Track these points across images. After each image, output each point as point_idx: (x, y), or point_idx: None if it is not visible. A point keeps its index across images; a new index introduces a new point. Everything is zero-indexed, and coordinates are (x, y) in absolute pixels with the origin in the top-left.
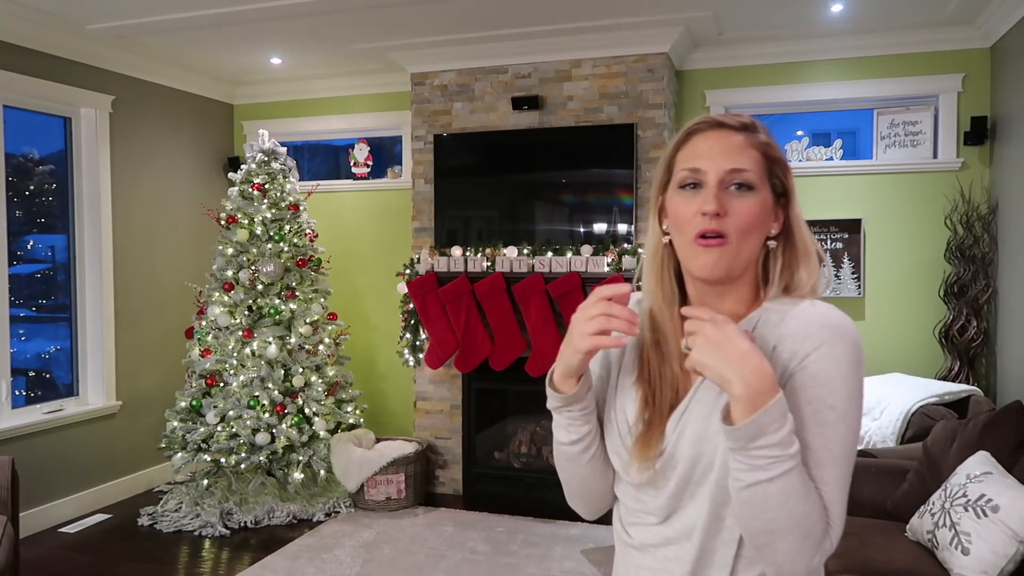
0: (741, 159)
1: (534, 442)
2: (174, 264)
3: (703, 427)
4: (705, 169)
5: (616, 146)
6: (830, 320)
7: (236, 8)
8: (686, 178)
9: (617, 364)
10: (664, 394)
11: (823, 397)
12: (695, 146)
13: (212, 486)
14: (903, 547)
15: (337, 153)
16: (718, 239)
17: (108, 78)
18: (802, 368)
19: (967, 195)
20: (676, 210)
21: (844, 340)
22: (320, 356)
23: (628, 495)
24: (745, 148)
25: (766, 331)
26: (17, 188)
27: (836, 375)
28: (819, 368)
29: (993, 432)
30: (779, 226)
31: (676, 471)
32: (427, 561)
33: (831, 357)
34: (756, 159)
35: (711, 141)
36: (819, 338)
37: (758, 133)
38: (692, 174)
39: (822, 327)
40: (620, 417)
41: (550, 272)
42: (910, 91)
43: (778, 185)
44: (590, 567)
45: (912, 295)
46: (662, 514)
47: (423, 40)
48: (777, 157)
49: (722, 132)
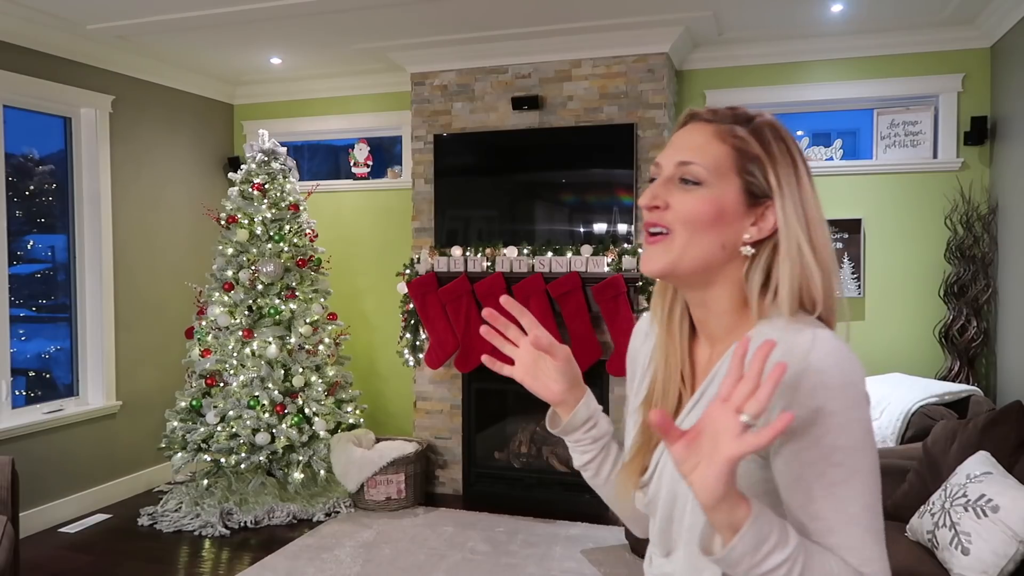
0: (694, 152)
1: (534, 442)
2: (174, 264)
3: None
4: (662, 163)
5: (616, 146)
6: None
7: (236, 8)
8: (652, 173)
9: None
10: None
11: (826, 456)
12: (671, 140)
13: (212, 486)
14: (903, 547)
15: (337, 153)
16: (659, 235)
17: (108, 78)
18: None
19: (967, 195)
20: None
21: (843, 391)
22: (320, 356)
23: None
24: (709, 141)
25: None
26: (17, 188)
27: (836, 428)
28: (802, 427)
29: (993, 432)
30: (759, 231)
31: (658, 506)
32: (427, 561)
33: (829, 415)
34: (717, 153)
35: (682, 134)
36: (815, 395)
37: (736, 125)
38: (655, 169)
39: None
40: (626, 442)
41: (550, 272)
42: (910, 91)
43: (755, 184)
44: (590, 567)
45: (912, 295)
46: (662, 548)
47: (423, 40)
48: (754, 153)
49: (695, 124)
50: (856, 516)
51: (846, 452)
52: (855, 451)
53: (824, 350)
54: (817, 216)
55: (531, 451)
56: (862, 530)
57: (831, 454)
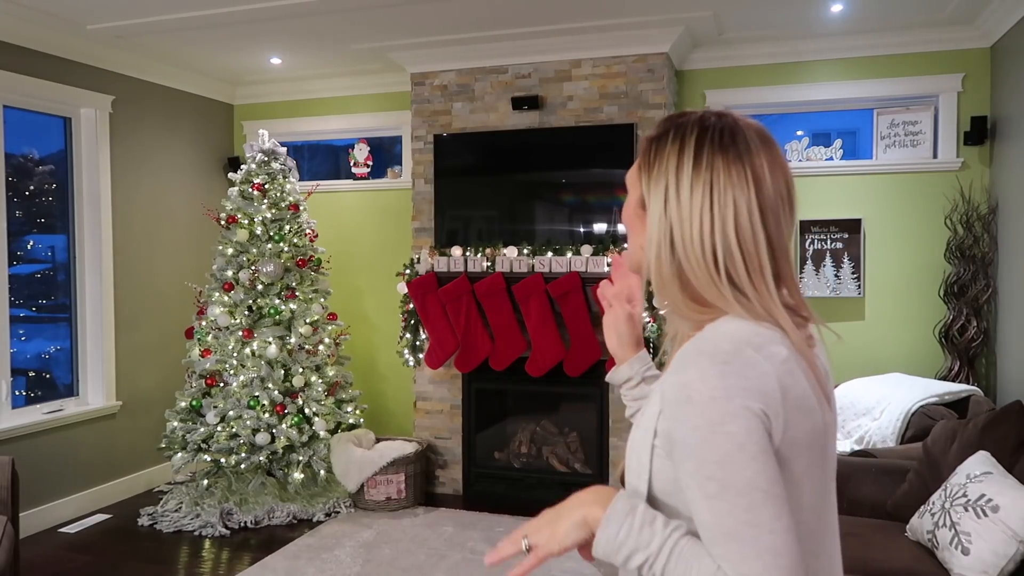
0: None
1: (534, 442)
2: (174, 264)
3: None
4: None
5: (616, 146)
6: (690, 382)
7: (236, 8)
8: None
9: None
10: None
11: (699, 469)
12: None
13: (212, 486)
14: (903, 547)
15: (337, 153)
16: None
17: (108, 78)
18: (667, 439)
19: (967, 195)
20: None
21: (707, 406)
22: (320, 356)
23: None
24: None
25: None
26: (17, 188)
27: (696, 442)
28: (679, 438)
29: (993, 432)
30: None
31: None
32: (427, 561)
33: (683, 423)
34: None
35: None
36: (683, 408)
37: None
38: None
39: (669, 386)
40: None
41: (550, 272)
42: (910, 91)
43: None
44: (590, 567)
45: (912, 295)
46: None
47: (423, 40)
48: (641, 162)
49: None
50: (733, 531)
51: (716, 466)
52: (724, 466)
53: (697, 365)
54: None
55: (531, 451)
56: (739, 544)
57: (702, 467)
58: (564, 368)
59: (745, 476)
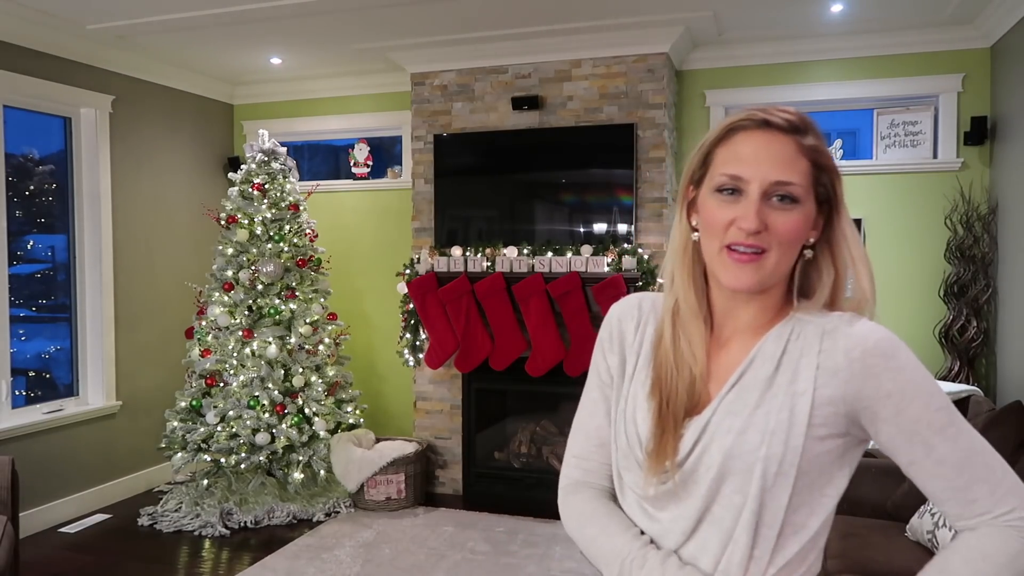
0: (788, 170)
1: (534, 442)
2: (174, 264)
3: (735, 443)
4: (748, 178)
5: (616, 146)
6: (877, 341)
7: (236, 8)
8: (725, 184)
9: (634, 355)
10: (679, 398)
11: (926, 405)
12: (738, 147)
13: (212, 486)
14: (903, 547)
15: (337, 153)
16: (753, 255)
17: (108, 78)
18: (880, 401)
19: (967, 195)
20: (711, 214)
21: (899, 351)
22: (320, 356)
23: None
24: (795, 156)
25: (805, 346)
26: (17, 188)
27: (917, 383)
28: (896, 388)
29: (993, 432)
30: (817, 234)
31: (700, 488)
32: (427, 561)
33: (899, 371)
34: (804, 169)
35: (756, 144)
36: (879, 365)
37: (807, 136)
38: (732, 181)
39: (875, 354)
40: (631, 429)
41: (550, 272)
42: (910, 91)
43: (823, 193)
44: (590, 567)
45: (912, 295)
46: (680, 538)
47: (423, 40)
48: (827, 164)
49: (770, 134)
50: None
51: (937, 396)
52: (940, 394)
53: (878, 331)
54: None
55: (531, 451)
56: (995, 460)
57: (929, 402)
58: (564, 368)
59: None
